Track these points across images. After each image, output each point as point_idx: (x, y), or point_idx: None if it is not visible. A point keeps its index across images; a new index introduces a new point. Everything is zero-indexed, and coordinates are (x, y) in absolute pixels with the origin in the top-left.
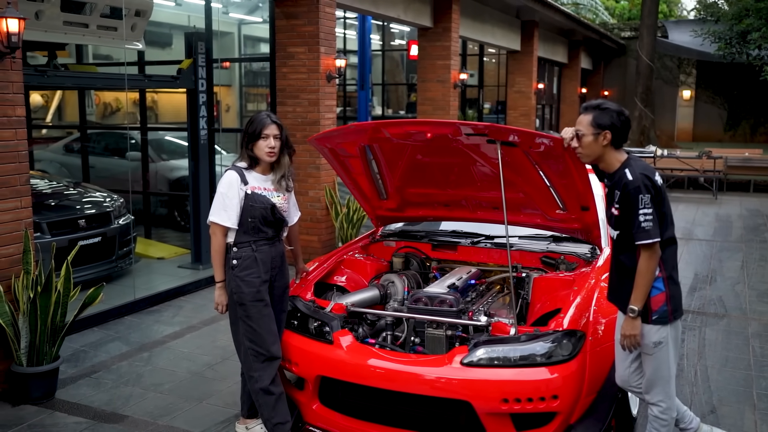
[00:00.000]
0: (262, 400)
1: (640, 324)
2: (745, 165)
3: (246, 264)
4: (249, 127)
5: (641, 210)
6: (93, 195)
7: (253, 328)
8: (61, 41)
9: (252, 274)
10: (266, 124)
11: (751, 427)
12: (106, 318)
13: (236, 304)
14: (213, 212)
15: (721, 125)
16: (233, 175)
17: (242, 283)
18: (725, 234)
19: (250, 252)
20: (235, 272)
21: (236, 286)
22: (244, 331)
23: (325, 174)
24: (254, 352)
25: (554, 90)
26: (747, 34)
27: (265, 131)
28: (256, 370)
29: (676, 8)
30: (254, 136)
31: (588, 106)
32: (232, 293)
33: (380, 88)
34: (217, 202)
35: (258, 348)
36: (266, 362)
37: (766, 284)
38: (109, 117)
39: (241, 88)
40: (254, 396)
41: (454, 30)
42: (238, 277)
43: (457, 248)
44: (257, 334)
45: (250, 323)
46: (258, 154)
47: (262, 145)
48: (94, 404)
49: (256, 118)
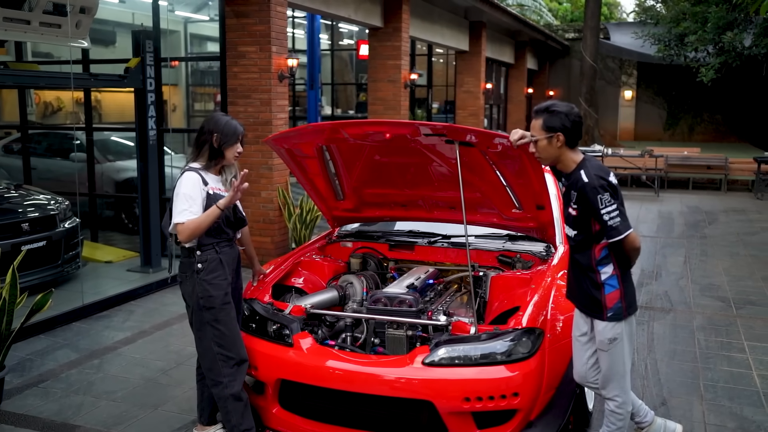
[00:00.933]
0: (231, 407)
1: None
2: (684, 163)
3: (212, 267)
4: (225, 130)
5: (604, 209)
6: (36, 197)
7: (223, 332)
8: (0, 38)
9: (219, 277)
10: (241, 130)
11: (700, 417)
12: (53, 325)
13: (203, 309)
14: (179, 213)
15: (661, 124)
16: (194, 176)
17: (210, 287)
18: (668, 230)
19: (214, 254)
20: (201, 276)
21: (203, 290)
22: (212, 336)
23: (277, 174)
24: (224, 357)
25: (501, 90)
26: (684, 36)
27: (240, 136)
28: (225, 376)
29: (616, 11)
30: (232, 140)
31: (538, 109)
32: (198, 298)
33: (329, 87)
34: (181, 203)
35: (228, 352)
36: (236, 366)
37: (708, 279)
38: (49, 117)
39: (187, 87)
40: (222, 402)
41: (404, 30)
42: (204, 281)
43: (414, 248)
44: (227, 338)
45: (219, 327)
46: (228, 156)
47: (235, 149)
48: (43, 415)
49: (228, 122)
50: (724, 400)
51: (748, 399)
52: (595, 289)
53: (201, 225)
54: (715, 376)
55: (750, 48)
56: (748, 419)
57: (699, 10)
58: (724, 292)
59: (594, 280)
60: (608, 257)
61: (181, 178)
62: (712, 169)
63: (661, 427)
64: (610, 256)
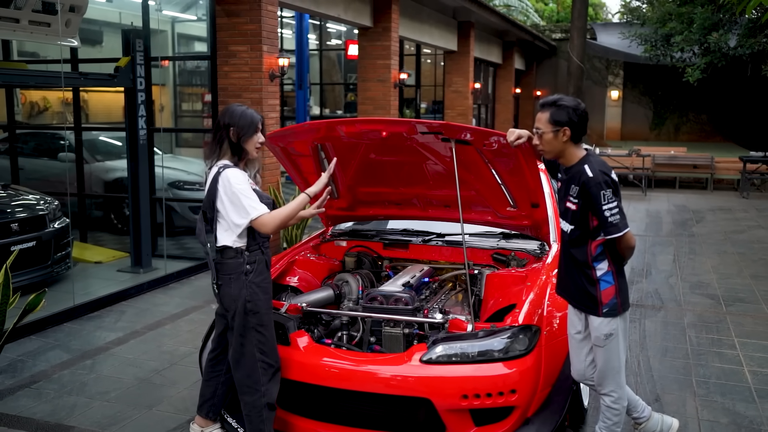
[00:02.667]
0: (266, 416)
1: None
2: (671, 163)
3: (260, 269)
4: (240, 121)
5: (605, 206)
6: (25, 197)
7: (267, 337)
8: None
9: (266, 280)
10: (258, 118)
11: (693, 413)
12: (44, 325)
13: (248, 313)
14: (249, 209)
15: (648, 124)
16: (240, 172)
17: (258, 290)
18: (656, 229)
19: (260, 255)
20: (250, 278)
21: (252, 294)
22: (257, 341)
23: (269, 174)
24: (265, 365)
25: (489, 90)
26: (671, 37)
27: (259, 125)
28: (263, 384)
29: (601, 12)
30: (251, 131)
31: (545, 102)
32: (246, 301)
33: (318, 87)
34: (242, 200)
35: (269, 359)
36: (274, 374)
37: (697, 276)
38: (36, 116)
39: (175, 87)
40: (256, 411)
41: (393, 30)
42: (254, 283)
43: (409, 247)
44: (269, 344)
45: (264, 332)
46: (248, 149)
47: (255, 140)
48: (37, 416)
49: (244, 112)
50: (716, 396)
51: (740, 395)
52: (590, 285)
53: (291, 214)
54: (707, 373)
55: (735, 48)
56: (741, 414)
57: (685, 10)
58: (713, 290)
59: (589, 276)
60: (603, 253)
61: (226, 176)
62: (699, 169)
63: (658, 423)
64: (605, 253)
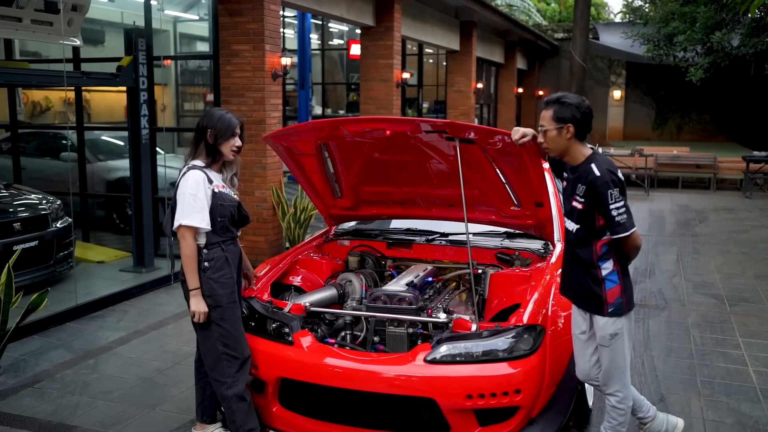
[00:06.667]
0: (236, 407)
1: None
2: (674, 162)
3: (218, 265)
4: (218, 125)
5: (612, 205)
6: (28, 197)
7: (228, 330)
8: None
9: (225, 275)
10: (236, 123)
11: (698, 413)
12: (47, 325)
13: (209, 308)
14: (185, 215)
15: (650, 124)
16: (200, 175)
17: (216, 285)
18: (659, 229)
19: (220, 252)
20: (207, 274)
21: (210, 289)
22: (218, 335)
23: (271, 174)
24: (229, 357)
25: (491, 89)
26: (673, 36)
27: (236, 129)
28: (229, 376)
29: (604, 11)
30: (227, 134)
31: (549, 100)
32: (205, 297)
33: (319, 87)
34: (186, 203)
35: (233, 352)
36: (240, 366)
37: (700, 276)
38: (38, 116)
39: (177, 86)
40: (225, 402)
41: (396, 29)
42: (211, 279)
43: (413, 246)
44: (233, 337)
45: (225, 326)
46: (224, 152)
47: (231, 143)
48: (39, 415)
49: (222, 116)
50: (721, 396)
51: (745, 395)
52: (595, 285)
53: (186, 261)
54: (712, 373)
55: (738, 48)
56: (746, 414)
57: (688, 10)
58: (717, 290)
59: (595, 276)
60: (608, 253)
61: (185, 177)
62: (702, 168)
63: (664, 422)
64: (610, 252)
